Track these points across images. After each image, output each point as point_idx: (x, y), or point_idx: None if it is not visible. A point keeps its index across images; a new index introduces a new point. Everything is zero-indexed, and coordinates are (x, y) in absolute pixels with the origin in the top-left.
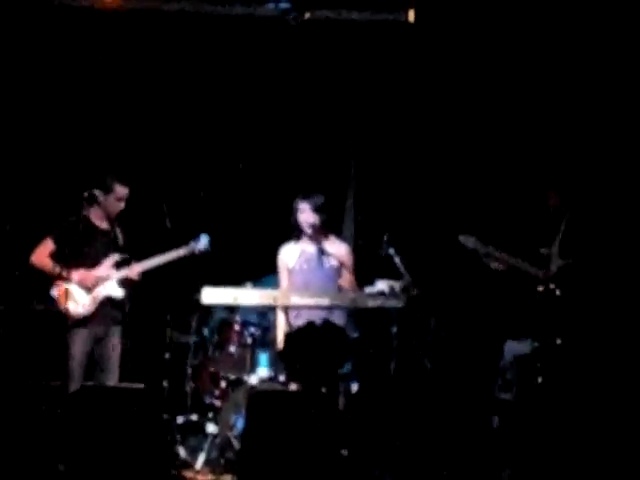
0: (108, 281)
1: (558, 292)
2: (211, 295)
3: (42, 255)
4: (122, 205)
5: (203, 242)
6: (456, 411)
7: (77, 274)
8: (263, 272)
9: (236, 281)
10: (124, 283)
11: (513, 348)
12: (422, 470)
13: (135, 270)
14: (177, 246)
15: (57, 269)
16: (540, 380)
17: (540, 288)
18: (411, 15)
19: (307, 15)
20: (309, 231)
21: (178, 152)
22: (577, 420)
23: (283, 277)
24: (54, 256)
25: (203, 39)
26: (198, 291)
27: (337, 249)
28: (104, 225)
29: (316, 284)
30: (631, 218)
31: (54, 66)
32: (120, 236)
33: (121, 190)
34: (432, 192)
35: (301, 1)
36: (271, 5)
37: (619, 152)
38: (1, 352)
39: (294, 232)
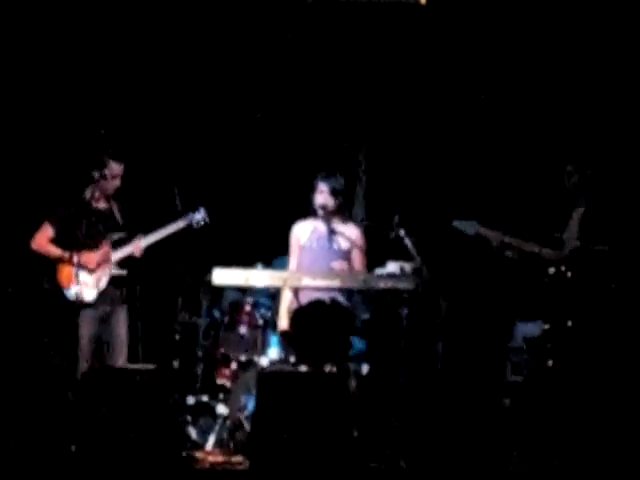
0: (110, 261)
1: (569, 274)
2: (222, 276)
3: (42, 241)
4: (117, 182)
5: (201, 214)
6: (466, 393)
7: (79, 256)
8: (274, 253)
9: (247, 262)
10: (125, 262)
11: (523, 330)
12: (432, 451)
13: (138, 247)
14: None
15: (59, 253)
16: (550, 362)
17: (551, 270)
18: None
19: None
20: (321, 212)
21: (190, 134)
22: (587, 402)
23: (293, 254)
24: (54, 240)
25: (214, 19)
26: (209, 272)
27: (349, 231)
28: (101, 205)
29: (324, 263)
30: None
31: (57, 46)
32: (118, 215)
33: (116, 167)
34: (443, 173)
35: None
36: None
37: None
38: (10, 332)
39: (312, 210)
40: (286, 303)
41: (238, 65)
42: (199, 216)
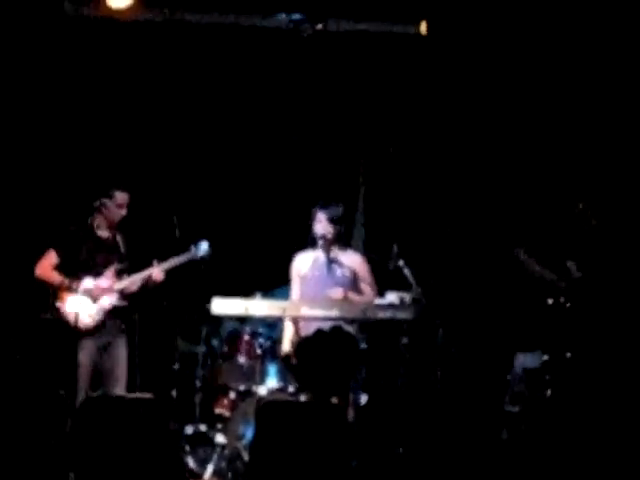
0: (114, 290)
1: (568, 305)
2: (221, 306)
3: (46, 268)
4: (123, 212)
5: (203, 247)
6: (465, 423)
7: (83, 285)
8: (274, 283)
9: (246, 292)
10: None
11: (523, 361)
12: None
13: (157, 271)
14: (178, 253)
15: (64, 281)
16: (549, 393)
17: (550, 301)
18: (423, 27)
19: (319, 26)
20: (320, 242)
21: (189, 162)
22: (585, 433)
23: (295, 285)
24: (58, 267)
25: (213, 49)
26: (208, 301)
27: (351, 260)
28: (105, 233)
29: (324, 292)
30: None
31: (63, 76)
32: (122, 244)
33: (121, 197)
34: (442, 203)
35: (313, 12)
36: (283, 16)
37: None
38: (9, 361)
39: (311, 239)
40: (289, 331)
41: (236, 96)
42: (202, 249)
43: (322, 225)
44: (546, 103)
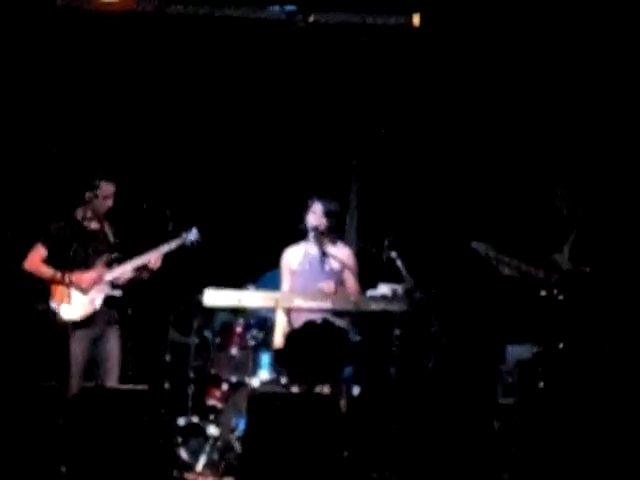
0: (104, 281)
1: (561, 297)
2: (213, 297)
3: (35, 261)
4: (109, 203)
5: (193, 233)
6: (457, 415)
7: (74, 277)
8: (264, 271)
9: (238, 283)
10: (116, 283)
11: (515, 352)
12: (423, 473)
13: (154, 259)
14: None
15: (55, 274)
16: (542, 385)
17: (543, 293)
18: (416, 19)
19: (312, 18)
20: (312, 233)
21: (182, 156)
22: (578, 425)
23: (285, 279)
24: (47, 260)
25: (206, 41)
26: (200, 293)
27: (341, 253)
28: (93, 225)
29: (316, 286)
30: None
31: (54, 68)
32: (110, 235)
33: (107, 187)
34: (435, 195)
35: (306, 4)
36: (276, 7)
37: (632, 155)
38: (1, 352)
39: (302, 229)
40: (282, 323)
41: (229, 87)
42: (192, 236)
43: (316, 217)
44: (537, 96)
